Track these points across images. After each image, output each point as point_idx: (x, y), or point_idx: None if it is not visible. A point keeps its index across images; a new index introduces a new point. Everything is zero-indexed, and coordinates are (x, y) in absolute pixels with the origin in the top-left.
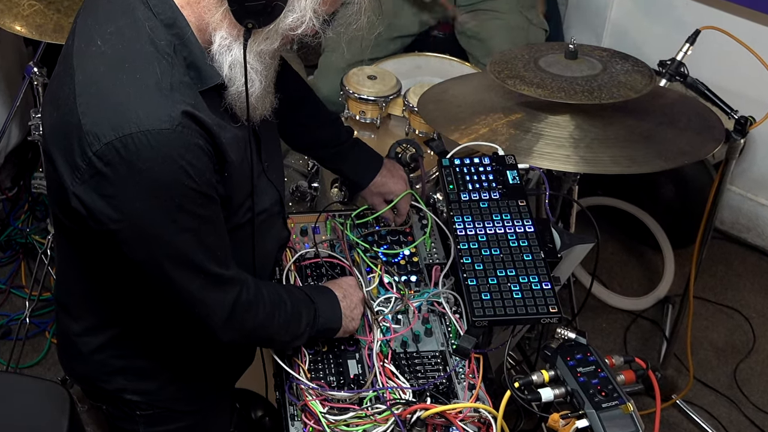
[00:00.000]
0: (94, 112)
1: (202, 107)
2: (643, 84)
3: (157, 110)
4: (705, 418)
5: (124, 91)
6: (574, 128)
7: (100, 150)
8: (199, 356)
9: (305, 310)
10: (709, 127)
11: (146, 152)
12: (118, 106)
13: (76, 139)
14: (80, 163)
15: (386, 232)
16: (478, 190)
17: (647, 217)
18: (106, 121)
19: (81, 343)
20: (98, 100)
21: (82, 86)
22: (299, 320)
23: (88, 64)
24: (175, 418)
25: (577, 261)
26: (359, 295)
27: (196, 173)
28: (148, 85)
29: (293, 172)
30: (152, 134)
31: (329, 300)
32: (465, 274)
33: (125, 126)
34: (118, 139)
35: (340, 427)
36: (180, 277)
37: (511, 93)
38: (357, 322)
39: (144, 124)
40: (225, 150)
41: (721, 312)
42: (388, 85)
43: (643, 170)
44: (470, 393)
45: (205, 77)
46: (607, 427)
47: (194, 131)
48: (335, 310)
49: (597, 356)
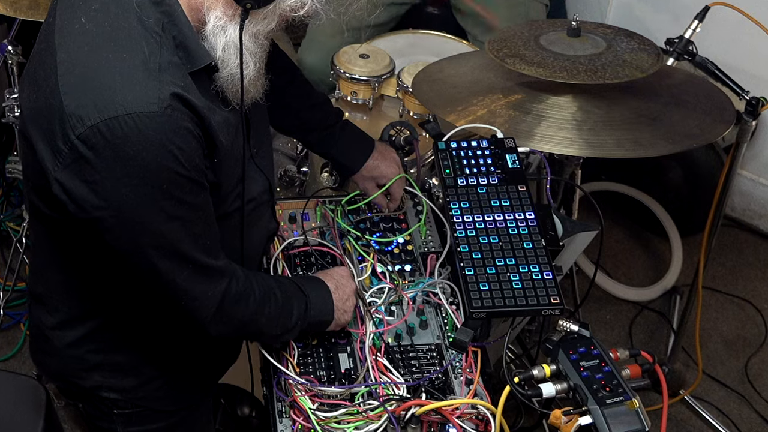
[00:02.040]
0: (77, 93)
1: (191, 89)
2: (650, 63)
3: (144, 92)
4: (714, 414)
5: (109, 71)
6: (576, 110)
7: (84, 133)
8: (183, 351)
9: (296, 303)
10: (719, 109)
11: (133, 136)
12: (103, 87)
13: (58, 122)
14: (62, 146)
15: (379, 219)
16: (475, 175)
17: (654, 203)
18: (90, 103)
19: (55, 337)
20: (82, 80)
21: (64, 66)
22: (290, 313)
23: (71, 43)
24: (155, 417)
25: (580, 249)
26: (351, 286)
27: (185, 158)
28: (135, 66)
29: (281, 156)
30: (140, 117)
31: (321, 291)
32: (462, 263)
33: (111, 108)
34: (104, 122)
35: (330, 425)
36: (166, 268)
37: (511, 73)
38: (349, 315)
39: (131, 106)
40: (215, 134)
41: (731, 303)
42: (381, 64)
43: (649, 154)
44: (468, 388)
45: (195, 58)
46: (611, 424)
47: (183, 114)
48: (327, 302)
49: (601, 349)
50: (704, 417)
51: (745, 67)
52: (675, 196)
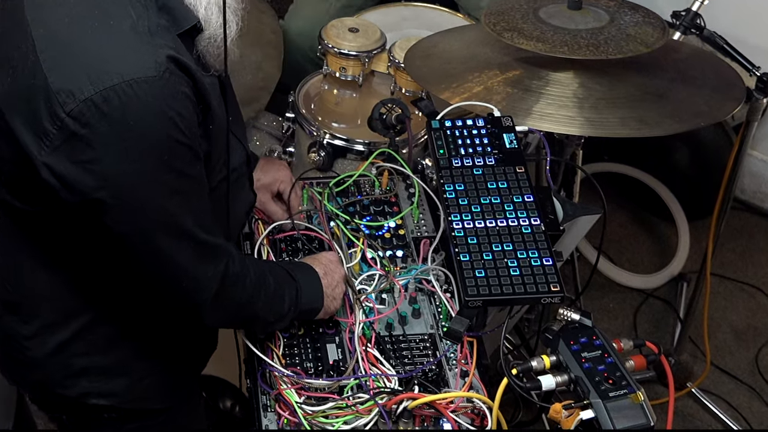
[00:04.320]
0: (64, 67)
1: (182, 51)
2: (655, 37)
3: (139, 57)
4: (723, 408)
5: (98, 40)
6: (578, 86)
7: (77, 109)
8: (171, 343)
9: (287, 288)
10: (728, 86)
11: (132, 104)
12: (93, 57)
13: (44, 101)
14: (49, 127)
15: (369, 202)
16: (471, 156)
17: (659, 185)
18: (82, 75)
19: (34, 346)
20: (69, 52)
21: (45, 41)
22: (282, 299)
23: (49, 16)
24: (146, 416)
25: (581, 234)
26: (340, 272)
27: (185, 125)
28: (124, 31)
29: (265, 135)
30: (138, 83)
31: (310, 277)
32: (457, 248)
33: (106, 78)
34: (99, 93)
35: (318, 419)
36: (169, 248)
37: (508, 48)
38: (338, 302)
39: (127, 73)
40: (209, 97)
41: (741, 290)
42: (371, 39)
43: (654, 133)
44: (463, 381)
45: (180, 19)
46: (614, 418)
47: (180, 78)
48: (316, 289)
49: (604, 340)
50: (713, 411)
51: (756, 42)
52: (682, 177)
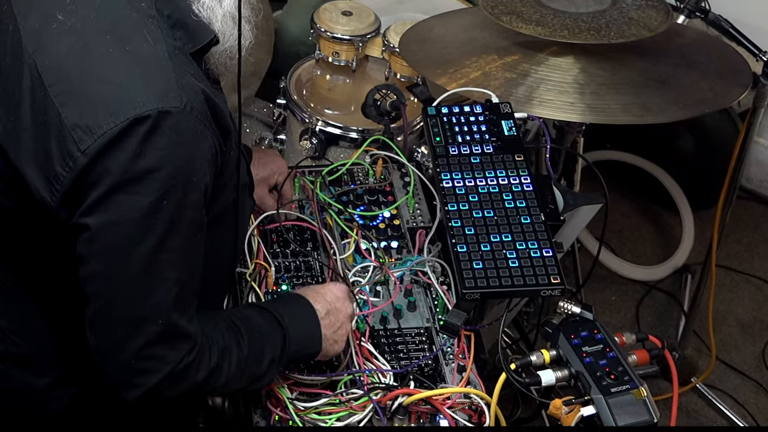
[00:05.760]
0: (79, 100)
1: (198, 75)
2: (658, 21)
3: (163, 85)
4: (729, 404)
5: (115, 67)
6: (579, 72)
7: (93, 147)
8: None
9: (270, 342)
10: (734, 71)
11: (155, 141)
12: (111, 86)
13: (56, 140)
14: (60, 170)
15: (363, 191)
16: (468, 143)
17: (663, 173)
18: (99, 108)
19: (53, 400)
20: (83, 83)
21: (53, 73)
22: (259, 361)
23: (54, 46)
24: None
25: (582, 224)
26: (347, 310)
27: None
28: (143, 58)
29: (256, 122)
30: (161, 117)
31: (306, 319)
32: (454, 239)
33: (126, 109)
34: (118, 127)
35: (310, 416)
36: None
37: (507, 31)
38: (341, 345)
39: (148, 104)
40: (227, 124)
41: (747, 282)
42: (365, 23)
43: (658, 120)
44: (460, 376)
45: (196, 35)
46: (616, 414)
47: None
48: (313, 332)
49: (605, 333)
50: (718, 407)
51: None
52: (686, 166)
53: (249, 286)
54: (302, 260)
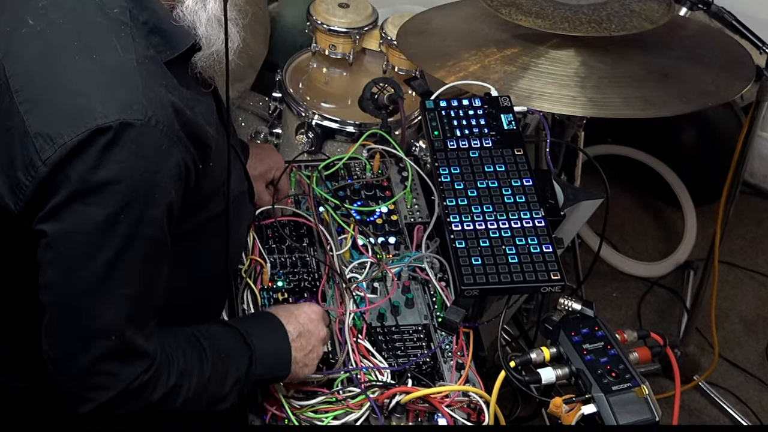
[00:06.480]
0: (42, 108)
1: (171, 86)
2: (660, 13)
3: (125, 97)
4: (732, 402)
5: (80, 75)
6: (579, 65)
7: (54, 156)
8: None
9: (234, 365)
10: (737, 64)
11: (115, 153)
12: (75, 95)
13: (19, 148)
14: (23, 178)
15: (360, 186)
16: (467, 137)
17: (665, 168)
18: (61, 117)
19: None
20: (46, 91)
21: (20, 79)
22: (222, 382)
23: (23, 51)
24: None
25: (583, 220)
26: (320, 333)
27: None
28: (109, 67)
29: (251, 116)
30: (124, 127)
31: (275, 340)
32: (452, 235)
33: (88, 118)
34: (78, 137)
35: (306, 414)
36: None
37: (506, 24)
38: (311, 369)
39: (111, 113)
40: (206, 137)
41: (750, 279)
42: (362, 15)
43: (660, 114)
44: (458, 374)
45: (174, 41)
46: (617, 413)
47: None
48: (280, 354)
49: (606, 331)
50: (720, 405)
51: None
52: (688, 160)
53: (244, 282)
54: (298, 256)
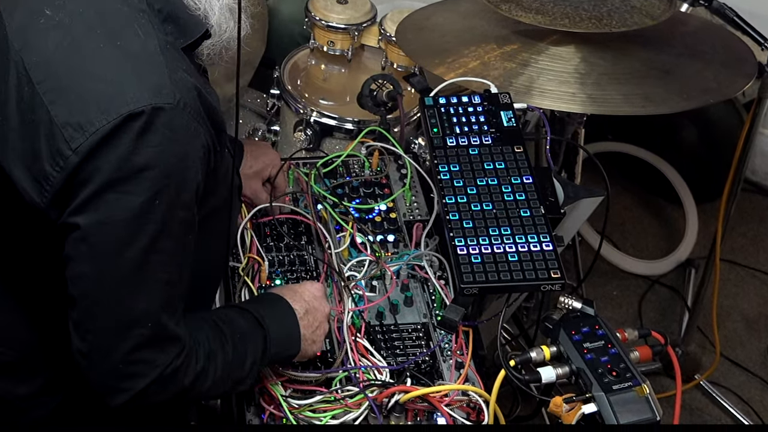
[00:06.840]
0: (69, 97)
1: (191, 71)
2: (661, 9)
3: (154, 82)
4: (733, 401)
5: (106, 62)
6: (579, 62)
7: (86, 144)
8: None
9: (251, 344)
10: (739, 60)
11: (148, 139)
12: (102, 82)
13: (45, 140)
14: (49, 169)
15: (359, 184)
16: (466, 134)
17: (666, 165)
18: (91, 105)
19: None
20: (73, 80)
21: (42, 70)
22: (242, 363)
23: (42, 42)
24: None
25: (583, 217)
26: (324, 309)
27: (195, 168)
28: (134, 53)
29: (249, 113)
30: (154, 113)
31: (285, 319)
32: (451, 233)
33: (119, 105)
34: (110, 124)
35: (304, 413)
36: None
37: (506, 20)
38: (319, 345)
39: (142, 100)
40: (222, 120)
41: (752, 277)
42: (361, 11)
43: (660, 111)
44: (458, 373)
45: (187, 29)
46: (618, 412)
47: (197, 107)
48: (292, 332)
49: (607, 329)
50: (722, 404)
51: None
52: (690, 158)
53: (242, 280)
54: (296, 254)
